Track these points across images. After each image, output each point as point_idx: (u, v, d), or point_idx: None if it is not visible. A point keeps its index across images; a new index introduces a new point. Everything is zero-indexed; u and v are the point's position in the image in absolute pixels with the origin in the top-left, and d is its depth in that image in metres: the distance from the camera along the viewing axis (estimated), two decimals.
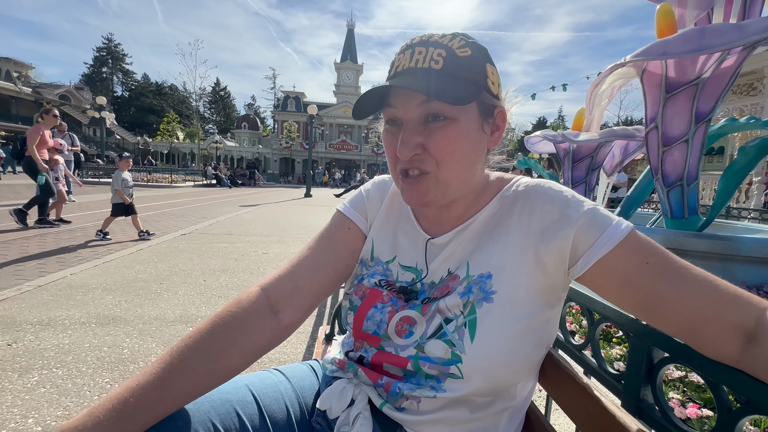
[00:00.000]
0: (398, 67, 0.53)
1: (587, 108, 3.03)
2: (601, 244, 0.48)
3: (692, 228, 2.29)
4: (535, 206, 0.55)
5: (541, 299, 0.53)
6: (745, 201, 7.13)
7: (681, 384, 1.31)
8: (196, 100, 41.67)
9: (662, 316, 0.46)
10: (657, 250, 0.48)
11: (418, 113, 0.52)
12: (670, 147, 2.23)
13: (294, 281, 0.60)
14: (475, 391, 0.51)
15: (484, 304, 0.52)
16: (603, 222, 0.50)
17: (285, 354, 2.02)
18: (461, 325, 0.52)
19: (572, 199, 0.53)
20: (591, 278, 0.50)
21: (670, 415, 0.54)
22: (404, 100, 0.53)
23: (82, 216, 6.18)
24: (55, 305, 2.46)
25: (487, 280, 0.53)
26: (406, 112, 0.53)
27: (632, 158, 3.47)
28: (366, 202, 0.70)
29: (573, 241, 0.50)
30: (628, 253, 0.48)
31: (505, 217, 0.57)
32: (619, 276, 0.48)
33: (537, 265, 0.52)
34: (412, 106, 0.52)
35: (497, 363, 0.50)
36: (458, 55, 0.51)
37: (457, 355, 0.51)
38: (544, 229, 0.52)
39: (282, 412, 0.61)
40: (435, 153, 0.52)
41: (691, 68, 2.06)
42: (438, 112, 0.51)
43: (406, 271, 0.62)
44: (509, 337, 0.50)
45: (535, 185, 0.57)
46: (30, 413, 1.42)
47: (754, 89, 6.60)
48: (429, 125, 0.52)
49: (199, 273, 3.40)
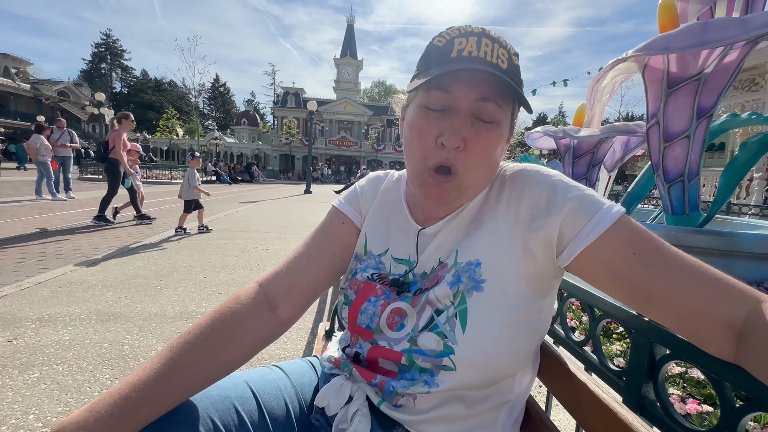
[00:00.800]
0: (463, 51, 0.49)
1: (588, 104, 3.01)
2: (587, 233, 0.46)
3: (693, 224, 2.29)
4: (522, 192, 0.53)
5: (532, 288, 0.52)
6: (746, 197, 7.13)
7: (681, 380, 1.31)
8: (196, 96, 41.57)
9: (652, 310, 0.44)
10: (646, 240, 0.45)
11: (472, 107, 0.50)
12: (671, 143, 2.22)
13: (291, 277, 0.61)
14: (469, 383, 0.50)
15: (474, 293, 0.51)
16: (590, 208, 0.47)
17: (285, 350, 2.02)
18: (452, 316, 0.51)
19: (559, 184, 0.51)
20: (579, 267, 0.48)
21: (672, 411, 0.54)
22: (465, 89, 0.49)
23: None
24: (55, 302, 2.46)
25: (476, 268, 0.52)
26: (461, 101, 0.50)
27: (633, 154, 3.46)
28: (360, 197, 0.70)
29: (560, 229, 0.48)
30: (615, 242, 0.45)
31: (494, 203, 0.56)
32: (605, 266, 0.46)
33: (526, 254, 0.51)
34: (470, 98, 0.49)
35: (490, 353, 0.49)
36: (513, 60, 0.50)
37: (449, 347, 0.50)
38: (532, 216, 0.51)
39: (281, 409, 0.60)
40: (473, 153, 0.50)
41: (693, 63, 2.04)
42: (490, 113, 0.50)
43: (398, 264, 0.62)
44: (501, 327, 0.49)
45: (522, 170, 0.56)
46: (31, 409, 1.42)
47: (756, 85, 6.57)
48: (476, 123, 0.50)
49: (199, 269, 3.40)
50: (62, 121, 8.26)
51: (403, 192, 0.68)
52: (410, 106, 0.56)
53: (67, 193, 7.93)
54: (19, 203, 6.75)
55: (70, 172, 8.17)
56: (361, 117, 39.14)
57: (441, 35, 0.51)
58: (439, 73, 0.48)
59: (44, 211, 6.01)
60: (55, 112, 31.41)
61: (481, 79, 0.49)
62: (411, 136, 0.54)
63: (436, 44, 0.51)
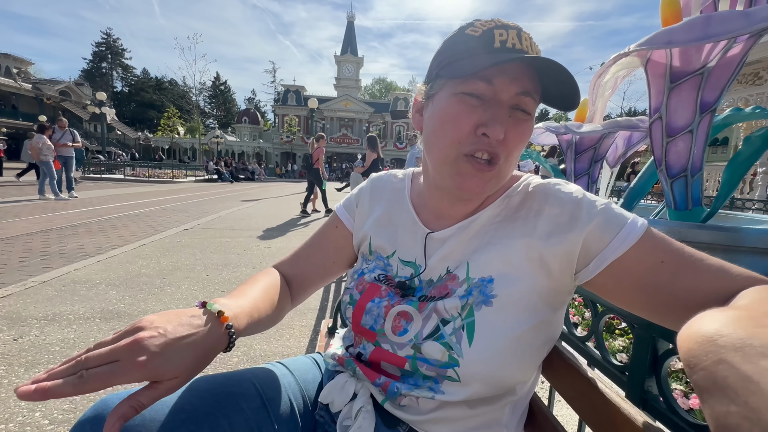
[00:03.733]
0: (507, 43, 0.48)
1: (590, 99, 2.99)
2: (616, 246, 0.46)
3: (696, 219, 2.27)
4: (542, 208, 0.52)
5: (545, 303, 0.51)
6: (750, 192, 7.09)
7: (684, 375, 1.31)
8: (196, 94, 41.66)
9: (675, 316, 0.43)
10: (672, 246, 0.45)
11: (513, 100, 0.50)
12: (674, 137, 2.20)
13: (293, 269, 0.69)
14: (474, 395, 0.50)
15: (483, 307, 0.50)
16: (617, 222, 0.47)
17: (288, 348, 2.03)
18: (459, 328, 0.50)
19: (584, 200, 0.50)
20: (602, 281, 0.48)
21: (675, 406, 0.54)
22: (509, 82, 0.48)
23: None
24: (59, 301, 2.48)
25: (489, 284, 0.51)
26: (503, 93, 0.49)
27: (636, 149, 3.44)
28: (357, 201, 0.72)
29: (583, 245, 0.48)
30: (643, 253, 0.45)
31: (510, 219, 0.55)
32: (632, 277, 0.45)
33: (542, 269, 0.50)
34: (513, 92, 0.49)
35: (496, 367, 0.48)
36: (541, 55, 0.50)
37: (454, 359, 0.49)
38: (550, 232, 0.50)
39: (285, 405, 0.61)
40: (510, 144, 0.50)
41: (697, 57, 2.02)
42: (528, 105, 0.50)
43: (405, 266, 0.61)
44: (509, 341, 0.48)
45: (543, 185, 0.55)
46: (37, 407, 1.44)
47: (760, 78, 6.51)
48: (514, 114, 0.50)
49: (201, 268, 3.41)
50: (64, 120, 8.27)
51: (408, 192, 0.67)
52: (438, 94, 0.53)
53: (70, 193, 7.96)
54: (22, 203, 6.78)
55: (72, 171, 8.20)
56: (362, 114, 39.03)
57: (473, 26, 0.50)
58: (495, 62, 0.46)
59: (47, 211, 6.04)
60: (56, 112, 31.42)
61: (523, 73, 0.49)
62: (443, 121, 0.51)
63: (470, 34, 0.50)
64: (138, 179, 15.00)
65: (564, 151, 3.47)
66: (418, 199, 0.65)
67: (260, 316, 0.55)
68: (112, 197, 8.48)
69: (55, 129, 7.93)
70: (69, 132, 8.06)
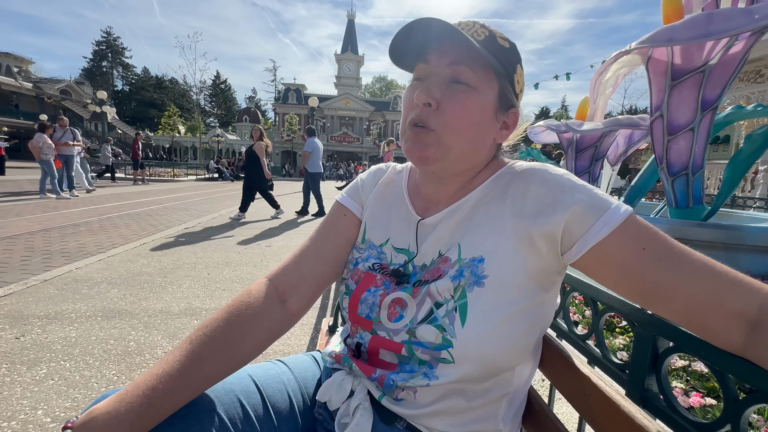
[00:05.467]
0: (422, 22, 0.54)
1: (591, 97, 2.99)
2: (597, 230, 0.47)
3: (697, 217, 2.28)
4: (528, 189, 0.53)
5: (535, 283, 0.52)
6: (751, 190, 7.07)
7: (684, 373, 1.31)
8: (197, 93, 41.50)
9: (660, 303, 0.45)
10: (655, 236, 0.46)
11: (446, 72, 0.54)
12: (675, 135, 2.21)
13: (299, 271, 0.63)
14: (468, 375, 0.51)
15: (475, 288, 0.51)
16: (600, 206, 0.48)
17: (289, 345, 2.03)
18: (452, 310, 0.51)
19: (567, 183, 0.51)
20: (586, 264, 0.49)
21: (675, 404, 0.54)
22: (439, 55, 0.54)
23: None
24: (61, 299, 2.48)
25: (479, 264, 0.52)
26: (435, 67, 0.54)
27: (637, 147, 3.44)
28: (361, 189, 0.72)
29: (565, 226, 0.49)
30: (624, 238, 0.46)
31: (499, 200, 0.56)
32: (615, 262, 0.47)
33: (531, 249, 0.51)
34: (443, 64, 0.54)
35: (489, 347, 0.49)
36: (498, 42, 0.54)
37: (447, 340, 0.51)
38: (537, 213, 0.51)
39: (285, 402, 0.61)
40: (447, 113, 0.53)
41: (698, 55, 2.02)
42: (464, 77, 0.53)
43: (399, 254, 0.63)
44: (501, 321, 0.50)
45: (531, 167, 0.56)
46: (39, 405, 1.44)
47: (761, 76, 6.49)
48: (452, 86, 0.54)
49: (202, 266, 3.41)
50: (64, 119, 8.28)
51: (405, 182, 0.69)
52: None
53: (71, 192, 7.97)
54: (23, 202, 6.80)
55: (74, 170, 8.21)
56: (362, 113, 39.03)
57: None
58: (420, 45, 0.55)
59: (48, 210, 6.05)
60: (57, 111, 31.41)
61: (452, 48, 0.53)
62: (402, 105, 0.59)
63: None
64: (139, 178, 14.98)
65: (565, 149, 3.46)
66: (413, 188, 0.67)
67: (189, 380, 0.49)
68: (113, 196, 8.50)
69: (56, 128, 7.94)
70: (70, 131, 8.07)
